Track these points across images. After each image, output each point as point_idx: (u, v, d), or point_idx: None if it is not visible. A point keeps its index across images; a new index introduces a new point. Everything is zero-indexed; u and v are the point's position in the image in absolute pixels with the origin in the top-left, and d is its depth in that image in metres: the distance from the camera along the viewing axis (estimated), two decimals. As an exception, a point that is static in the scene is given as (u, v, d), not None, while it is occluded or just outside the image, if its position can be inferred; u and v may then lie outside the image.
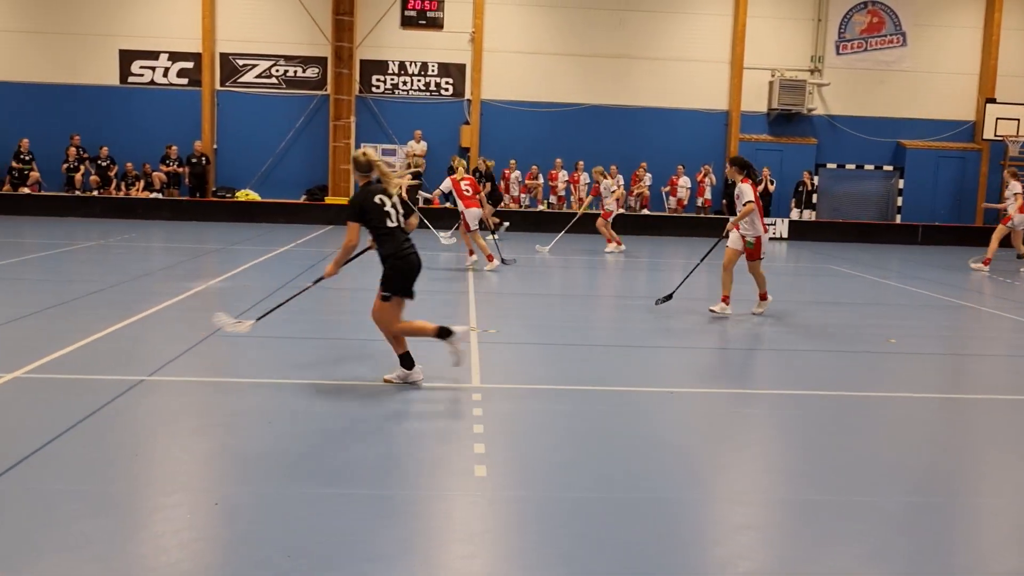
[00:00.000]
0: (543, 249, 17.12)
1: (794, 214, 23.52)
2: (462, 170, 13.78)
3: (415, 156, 22.97)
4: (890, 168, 24.66)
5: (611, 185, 17.29)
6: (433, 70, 23.49)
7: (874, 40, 24.24)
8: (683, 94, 23.96)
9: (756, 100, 24.16)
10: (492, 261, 13.60)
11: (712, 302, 10.20)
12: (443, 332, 6.27)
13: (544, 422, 5.73)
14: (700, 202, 23.30)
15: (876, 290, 13.43)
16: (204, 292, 10.32)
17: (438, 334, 6.27)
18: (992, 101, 23.94)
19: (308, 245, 16.72)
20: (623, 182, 20.98)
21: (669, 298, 10.13)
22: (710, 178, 23.18)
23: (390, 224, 6.25)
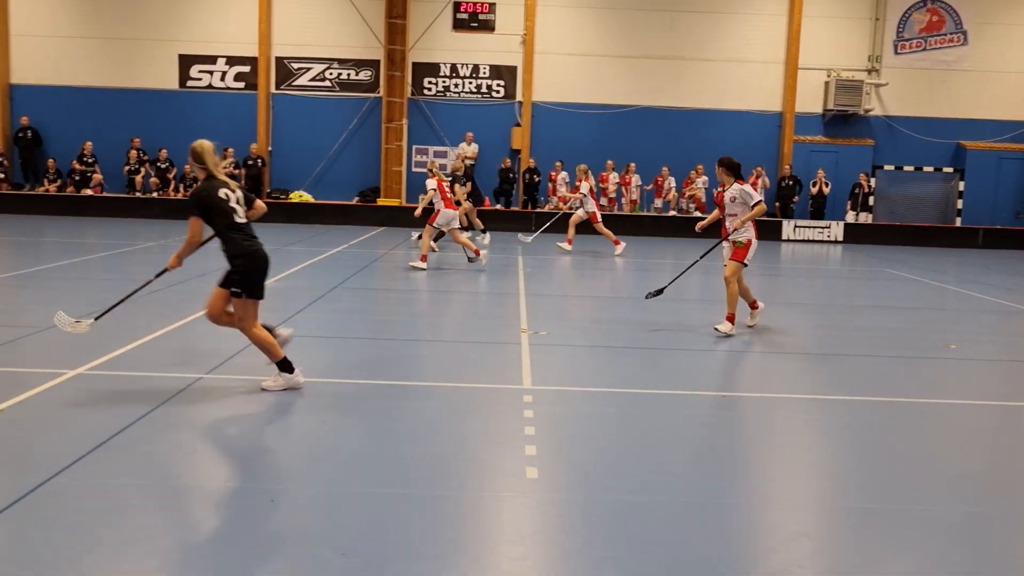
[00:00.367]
0: (527, 238, 17.63)
1: (849, 217, 23.11)
2: (440, 173, 14.04)
3: (464, 158, 23.09)
4: (950, 170, 24.09)
5: (587, 187, 16.95)
6: (484, 72, 23.58)
7: (934, 39, 23.71)
8: (735, 95, 23.70)
9: (811, 101, 23.79)
10: (477, 254, 13.71)
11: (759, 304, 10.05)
12: (285, 365, 6.05)
13: (595, 425, 5.73)
14: (753, 204, 22.99)
15: (935, 294, 13.15)
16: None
17: (280, 362, 6.04)
18: (1057, 101, 23.27)
19: (361, 246, 16.91)
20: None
21: (660, 292, 9.85)
22: (763, 180, 22.87)
23: (237, 220, 6.04)
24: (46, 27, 23.21)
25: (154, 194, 22.50)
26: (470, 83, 23.63)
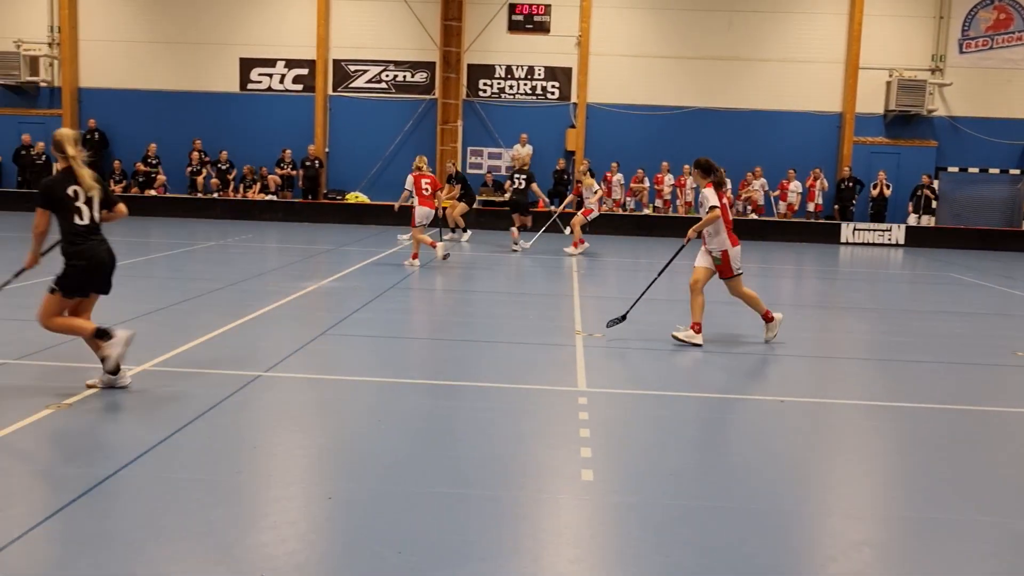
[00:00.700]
0: (525, 245, 17.44)
1: (911, 219, 22.59)
2: (425, 168, 14.16)
3: (519, 159, 23.12)
4: (1017, 172, 23.40)
5: (592, 185, 16.84)
6: (539, 74, 23.59)
7: (1001, 37, 23.06)
8: (794, 96, 23.33)
9: (872, 101, 23.31)
10: (436, 247, 13.85)
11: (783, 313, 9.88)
12: (100, 333, 5.75)
13: (650, 428, 5.69)
14: (811, 207, 22.64)
15: (1001, 300, 12.78)
16: (316, 292, 10.65)
17: (96, 334, 5.76)
18: None
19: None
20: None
21: (623, 319, 8.66)
22: (821, 182, 22.49)
23: (79, 221, 5.77)
24: (114, 32, 23.87)
25: (215, 195, 22.96)
26: (525, 84, 23.66)
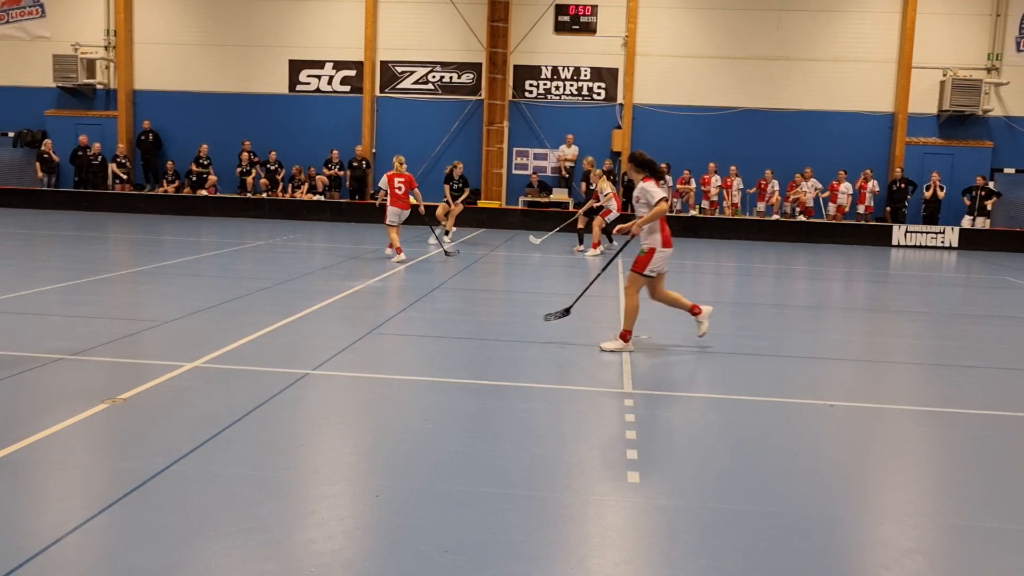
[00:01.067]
0: (536, 240, 17.79)
1: (966, 222, 22.08)
2: (398, 166, 14.43)
3: (565, 160, 23.11)
4: (1077, 173, 22.77)
5: (605, 188, 16.68)
6: (586, 75, 23.54)
7: (1061, 35, 22.45)
8: (844, 96, 22.97)
9: (925, 101, 22.85)
10: (399, 253, 14.01)
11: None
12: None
13: (697, 430, 5.64)
14: (861, 209, 22.27)
15: (1060, 305, 12.45)
16: (363, 291, 10.74)
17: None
18: None
19: (461, 247, 17.09)
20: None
21: (567, 313, 8.54)
22: (872, 184, 22.10)
23: None
24: (167, 36, 24.36)
25: (264, 195, 23.30)
26: (571, 85, 23.62)
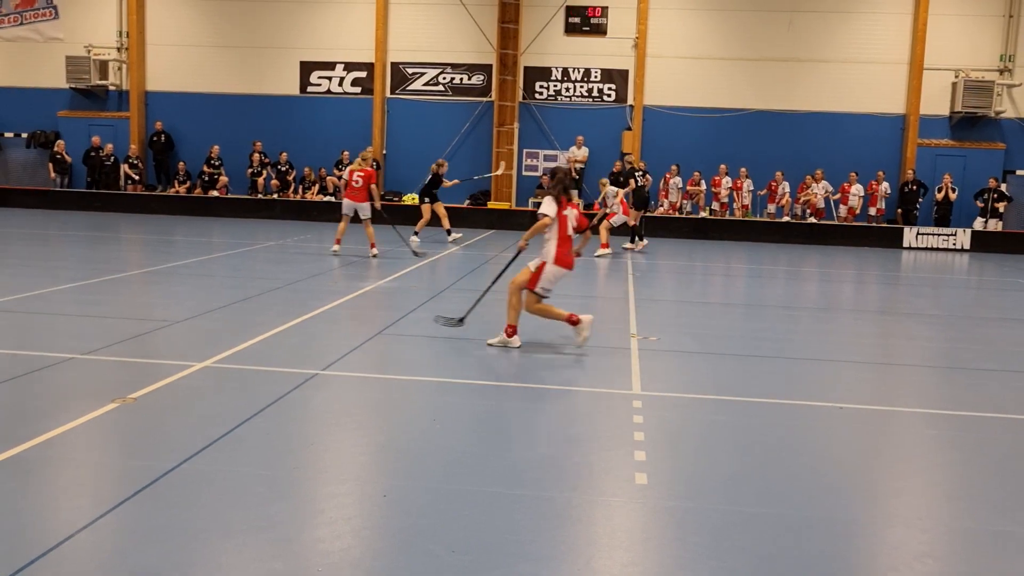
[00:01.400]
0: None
1: (977, 224, 21.96)
2: (360, 162, 14.51)
3: (575, 162, 23.10)
4: (1091, 175, 22.63)
5: (610, 191, 16.93)
6: (596, 76, 23.52)
7: (1075, 36, 22.30)
8: (856, 97, 22.88)
9: (937, 103, 22.73)
10: (336, 244, 14.27)
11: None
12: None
13: (705, 432, 5.63)
14: (873, 211, 22.18)
15: (1073, 308, 12.37)
16: (372, 292, 10.77)
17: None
18: None
19: (471, 248, 17.12)
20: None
21: (460, 322, 8.23)
22: (884, 186, 22.01)
23: None
24: (179, 37, 24.48)
25: (274, 195, 23.37)
26: (581, 87, 23.61)
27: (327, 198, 23.30)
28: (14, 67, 25.01)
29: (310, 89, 24.36)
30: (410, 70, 24.07)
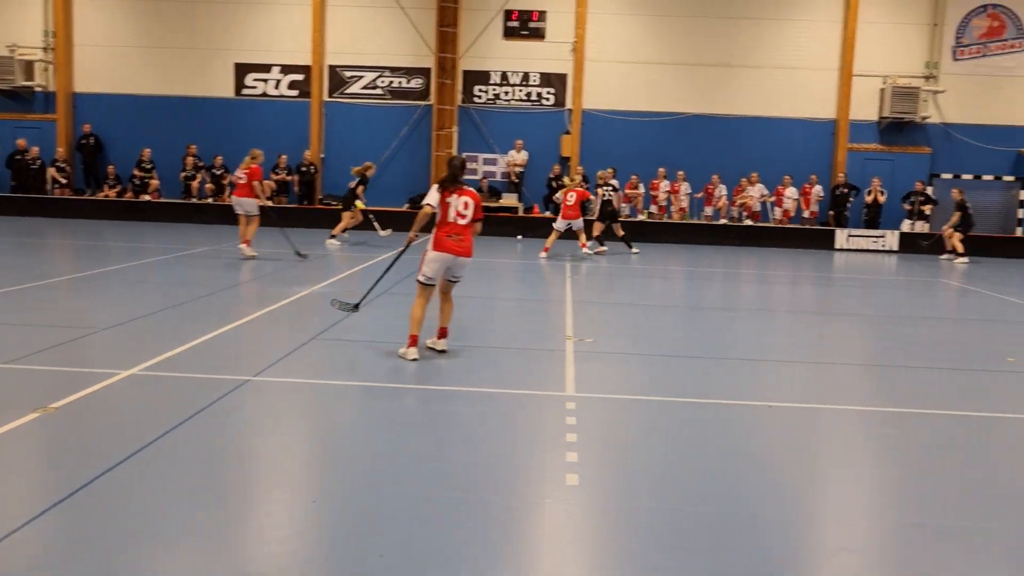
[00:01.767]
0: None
1: (905, 226, 22.62)
2: (248, 160, 14.72)
3: (515, 165, 23.16)
4: (1011, 178, 23.46)
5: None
6: (535, 80, 23.62)
7: (994, 45, 23.14)
8: (789, 103, 23.38)
9: (866, 108, 23.36)
10: (247, 247, 14.43)
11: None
12: None
13: (638, 433, 5.69)
14: (806, 214, 22.68)
15: (994, 306, 12.81)
16: (308, 296, 10.64)
17: None
18: (1125, 108, 22.52)
19: (410, 252, 17.00)
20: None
21: (356, 308, 8.64)
22: (817, 189, 22.54)
23: None
24: (108, 37, 23.88)
25: (209, 200, 22.94)
26: (520, 91, 23.69)
27: (264, 202, 22.94)
28: (-66, 67, 24.14)
29: (245, 91, 23.99)
30: (348, 73, 23.88)
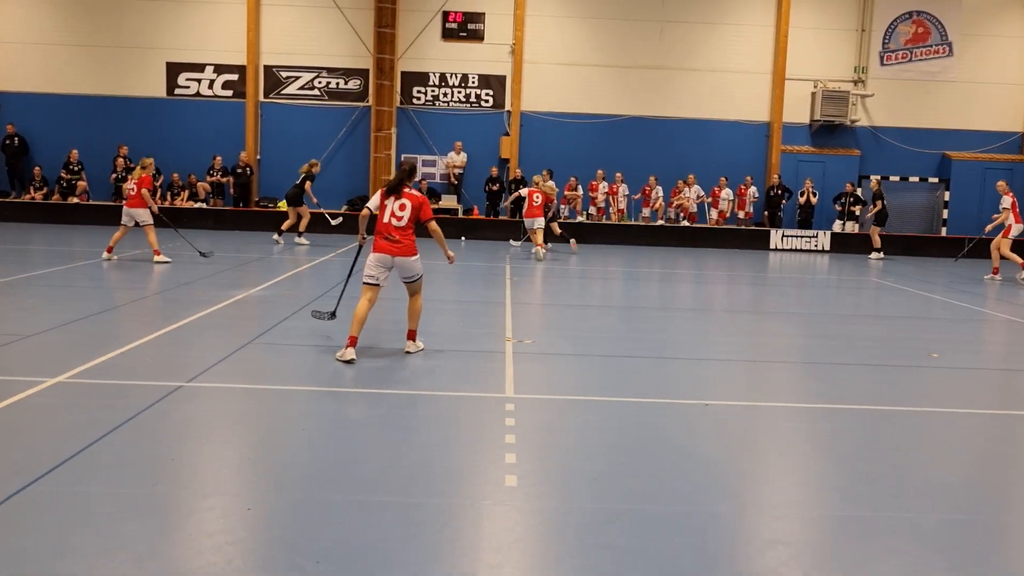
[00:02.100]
0: (516, 244, 19.09)
1: (836, 226, 23.20)
2: (139, 170, 14.46)
3: (454, 167, 23.12)
4: (936, 180, 24.25)
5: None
6: (474, 82, 23.62)
7: (919, 50, 23.89)
8: (724, 105, 23.81)
9: (798, 111, 23.92)
10: (158, 256, 14.04)
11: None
12: None
13: (576, 433, 5.72)
14: (741, 214, 23.11)
15: (920, 304, 13.20)
16: (244, 300, 10.45)
17: None
18: (1042, 112, 23.44)
19: (349, 254, 16.87)
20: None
21: (333, 316, 8.56)
22: (752, 190, 22.98)
23: None
24: (33, 34, 23.15)
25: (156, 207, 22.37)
26: (459, 92, 23.66)
27: (198, 204, 22.53)
28: None
29: (178, 91, 23.50)
30: (284, 73, 23.56)
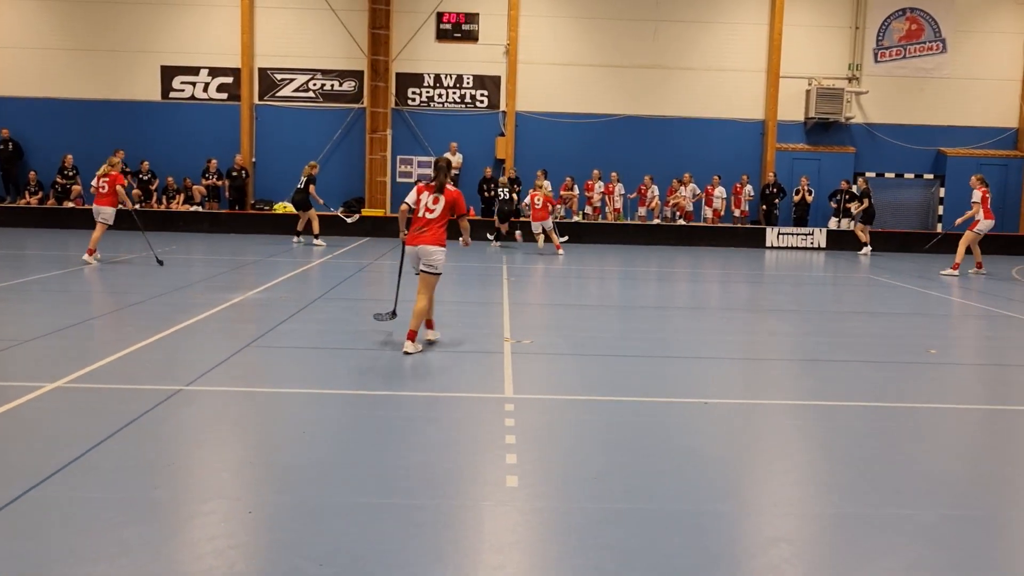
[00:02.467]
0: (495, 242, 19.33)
1: (832, 224, 23.24)
2: (107, 168, 14.57)
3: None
4: (930, 177, 24.30)
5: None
6: (468, 82, 23.62)
7: (913, 47, 23.94)
8: (718, 104, 23.84)
9: (793, 109, 23.96)
10: (90, 255, 14.07)
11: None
12: None
13: (577, 433, 5.72)
14: (737, 213, 23.14)
15: (916, 300, 13.23)
16: (242, 303, 10.45)
17: None
18: (1036, 107, 23.51)
19: (345, 257, 16.86)
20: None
21: (394, 315, 8.69)
22: (747, 188, 23.01)
23: None
24: (27, 39, 23.12)
25: (137, 206, 22.35)
26: (454, 93, 23.66)
27: (194, 208, 22.50)
28: None
29: (172, 95, 23.48)
30: (279, 76, 23.55)
